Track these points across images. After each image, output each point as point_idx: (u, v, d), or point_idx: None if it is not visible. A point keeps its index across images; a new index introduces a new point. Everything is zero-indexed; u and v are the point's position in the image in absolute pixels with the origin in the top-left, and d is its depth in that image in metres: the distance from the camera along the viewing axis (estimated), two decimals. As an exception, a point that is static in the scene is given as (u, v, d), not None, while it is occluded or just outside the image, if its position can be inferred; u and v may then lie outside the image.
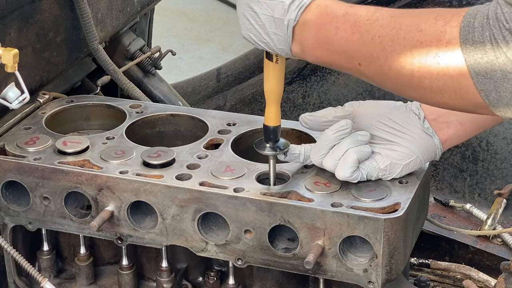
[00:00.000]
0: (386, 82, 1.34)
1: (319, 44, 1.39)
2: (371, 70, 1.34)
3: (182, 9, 5.43)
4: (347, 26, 1.36)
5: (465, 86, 1.23)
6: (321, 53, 1.40)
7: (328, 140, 1.54)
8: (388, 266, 1.51)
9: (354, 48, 1.35)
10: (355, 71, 1.38)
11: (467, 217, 2.25)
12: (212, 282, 1.73)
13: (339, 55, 1.38)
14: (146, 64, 2.39)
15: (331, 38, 1.37)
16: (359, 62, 1.35)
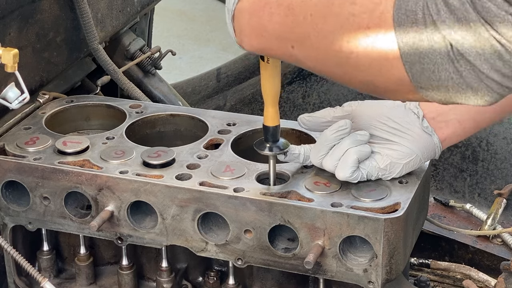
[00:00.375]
0: (315, 63, 1.30)
1: (254, 32, 1.37)
2: (302, 51, 1.30)
3: (182, 9, 5.43)
4: (280, 10, 1.32)
5: (391, 59, 1.17)
6: (257, 41, 1.38)
7: (328, 141, 1.54)
8: (388, 266, 1.51)
9: (287, 30, 1.31)
10: (288, 56, 1.33)
11: (467, 217, 2.25)
12: (212, 282, 1.73)
13: (273, 41, 1.34)
14: (146, 64, 2.39)
15: (265, 24, 1.35)
16: (292, 45, 1.31)
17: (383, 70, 1.19)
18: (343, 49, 1.22)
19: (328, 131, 1.54)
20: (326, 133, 1.54)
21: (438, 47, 1.12)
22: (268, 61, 1.47)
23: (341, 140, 1.53)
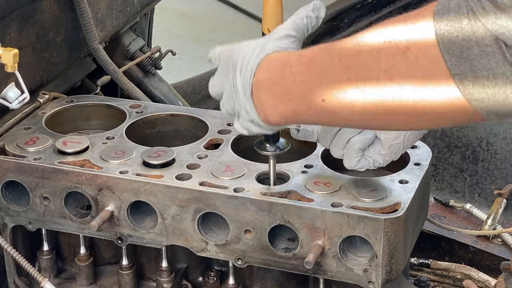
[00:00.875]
0: (353, 104, 1.21)
1: (278, 99, 1.29)
2: (334, 98, 1.22)
3: (182, 9, 5.43)
4: (302, 66, 1.25)
5: (438, 73, 1.12)
6: (283, 107, 1.29)
7: (333, 129, 1.52)
8: (388, 266, 1.51)
9: (314, 84, 1.23)
10: (321, 112, 1.25)
11: (467, 217, 2.25)
12: (212, 282, 1.73)
13: (301, 101, 1.26)
14: (146, 64, 2.39)
15: (289, 86, 1.27)
16: (322, 98, 1.23)
17: (430, 87, 1.14)
18: (381, 77, 1.16)
19: None
20: None
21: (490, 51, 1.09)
22: None
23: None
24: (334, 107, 1.23)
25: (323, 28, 2.77)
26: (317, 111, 1.25)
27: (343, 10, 2.78)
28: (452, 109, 1.13)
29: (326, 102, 1.23)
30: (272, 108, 1.31)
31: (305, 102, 1.26)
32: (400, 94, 1.16)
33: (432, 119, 1.18)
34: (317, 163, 1.63)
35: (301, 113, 1.28)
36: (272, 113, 1.32)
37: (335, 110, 1.23)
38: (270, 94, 1.31)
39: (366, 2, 2.70)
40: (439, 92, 1.13)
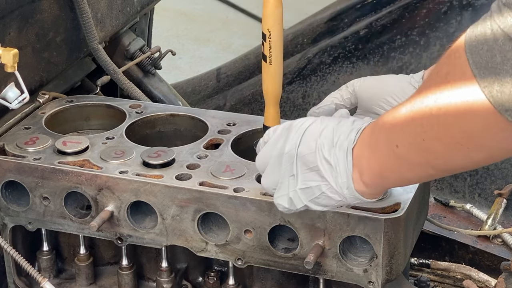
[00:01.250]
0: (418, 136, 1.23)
1: (371, 151, 1.31)
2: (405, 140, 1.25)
3: (182, 9, 5.43)
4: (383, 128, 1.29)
5: (467, 91, 1.12)
6: (375, 159, 1.31)
7: None
8: (388, 266, 1.51)
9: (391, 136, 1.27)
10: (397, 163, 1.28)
11: (467, 217, 2.24)
12: (212, 282, 1.73)
13: (385, 153, 1.29)
14: (146, 64, 2.39)
15: (375, 144, 1.30)
16: (396, 144, 1.25)
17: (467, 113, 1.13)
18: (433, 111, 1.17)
19: None
20: None
21: None
22: (270, 63, 1.47)
23: None
24: (403, 151, 1.25)
25: (323, 28, 2.77)
26: (395, 160, 1.27)
27: (343, 10, 2.78)
28: (489, 126, 1.12)
29: (399, 147, 1.25)
30: (366, 162, 1.31)
31: (386, 151, 1.27)
32: (439, 115, 1.16)
33: (475, 145, 1.16)
34: (317, 163, 1.63)
35: (385, 165, 1.29)
36: (365, 168, 1.32)
37: (404, 155, 1.25)
38: (366, 148, 1.31)
39: (366, 2, 2.70)
40: (472, 109, 1.12)
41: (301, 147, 1.36)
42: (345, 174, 1.33)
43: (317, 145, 1.35)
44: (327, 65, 2.57)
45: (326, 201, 1.37)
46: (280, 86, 1.50)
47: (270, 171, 1.41)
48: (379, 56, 2.48)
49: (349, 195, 1.34)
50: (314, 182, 1.36)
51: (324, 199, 1.37)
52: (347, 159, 1.32)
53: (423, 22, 2.45)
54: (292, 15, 4.16)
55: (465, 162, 1.21)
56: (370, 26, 2.57)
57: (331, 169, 1.34)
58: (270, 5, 1.45)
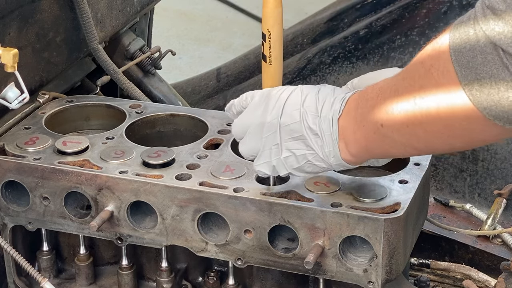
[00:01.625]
0: (398, 122, 1.28)
1: (357, 125, 1.36)
2: (386, 120, 1.30)
3: (182, 9, 5.43)
4: (373, 94, 1.33)
5: (449, 84, 1.17)
6: (360, 133, 1.35)
7: None
8: (388, 266, 1.51)
9: (376, 109, 1.32)
10: (381, 139, 1.33)
11: (467, 217, 2.24)
12: (212, 282, 1.73)
13: (369, 127, 1.33)
14: (146, 64, 2.39)
15: (363, 113, 1.35)
16: (380, 124, 1.30)
17: (448, 104, 1.19)
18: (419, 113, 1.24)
19: None
20: None
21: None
22: (270, 63, 1.47)
23: None
24: (387, 131, 1.30)
25: (323, 28, 2.77)
26: (379, 137, 1.32)
27: (343, 10, 2.78)
28: (469, 121, 1.17)
29: (383, 127, 1.30)
30: (352, 134, 1.36)
31: (372, 127, 1.32)
32: (422, 105, 1.22)
33: (455, 135, 1.22)
34: (317, 163, 1.63)
35: (370, 140, 1.34)
36: (351, 140, 1.37)
37: (388, 134, 1.30)
38: (351, 121, 1.36)
39: (366, 2, 2.70)
40: (454, 105, 1.17)
41: (284, 117, 1.40)
42: (331, 144, 1.38)
43: (301, 115, 1.39)
44: (327, 65, 2.57)
45: (311, 169, 1.43)
46: (280, 86, 1.50)
47: (249, 139, 1.46)
48: (379, 56, 2.48)
49: (335, 162, 1.40)
50: (299, 151, 1.41)
51: (309, 167, 1.43)
52: (332, 129, 1.37)
53: (423, 22, 2.45)
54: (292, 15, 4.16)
55: (445, 147, 1.28)
56: (370, 26, 2.57)
57: (317, 139, 1.39)
58: (270, 5, 1.45)
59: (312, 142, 1.39)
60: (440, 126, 1.22)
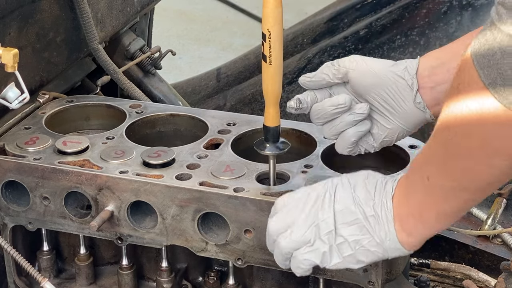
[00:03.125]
0: None
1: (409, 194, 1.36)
2: None
3: (182, 9, 5.43)
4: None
5: (476, 90, 1.17)
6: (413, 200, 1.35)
7: (327, 115, 1.54)
8: (388, 266, 1.51)
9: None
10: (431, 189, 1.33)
11: (467, 217, 2.24)
12: (212, 282, 1.73)
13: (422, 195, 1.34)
14: (146, 64, 2.39)
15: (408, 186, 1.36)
16: (427, 176, 1.31)
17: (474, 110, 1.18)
18: None
19: (328, 105, 1.54)
20: (325, 105, 1.54)
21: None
22: (270, 63, 1.47)
23: (340, 115, 1.54)
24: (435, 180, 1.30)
25: (323, 28, 2.77)
26: (429, 191, 1.32)
27: (343, 10, 2.78)
28: (501, 125, 1.16)
29: (430, 178, 1.30)
30: (405, 207, 1.36)
31: (420, 184, 1.32)
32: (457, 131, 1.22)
33: (494, 149, 1.20)
34: (317, 163, 1.63)
35: (422, 202, 1.33)
36: (404, 214, 1.36)
37: (436, 183, 1.30)
38: (403, 196, 1.36)
39: (366, 2, 2.70)
40: (483, 110, 1.16)
41: (337, 203, 1.39)
42: (386, 224, 1.36)
43: (354, 199, 1.38)
44: (327, 65, 2.56)
45: (365, 256, 1.39)
46: (280, 86, 1.50)
47: (296, 230, 1.41)
48: (379, 56, 2.48)
49: (390, 246, 1.37)
50: (353, 237, 1.38)
51: (363, 253, 1.39)
52: (387, 210, 1.36)
53: (423, 22, 2.46)
54: (292, 15, 4.16)
55: (491, 172, 1.24)
56: (370, 26, 2.57)
57: (373, 220, 1.37)
58: (270, 5, 1.45)
59: (367, 225, 1.37)
60: (476, 143, 1.20)
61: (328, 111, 1.54)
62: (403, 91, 1.53)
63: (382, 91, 1.54)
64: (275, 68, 1.48)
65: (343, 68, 1.55)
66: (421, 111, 1.54)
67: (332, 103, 1.54)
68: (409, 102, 1.53)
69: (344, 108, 1.53)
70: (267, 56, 1.47)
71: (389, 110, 1.54)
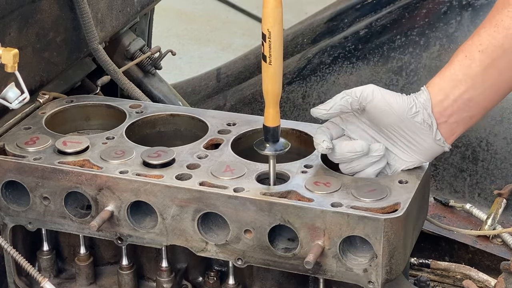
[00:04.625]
0: None
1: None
2: None
3: (182, 9, 5.43)
4: None
5: None
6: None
7: (345, 159, 1.58)
8: (388, 266, 1.51)
9: None
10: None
11: (467, 217, 2.24)
12: (212, 282, 1.73)
13: None
14: (146, 64, 2.39)
15: None
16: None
17: None
18: None
19: (346, 151, 1.58)
20: (343, 151, 1.58)
21: None
22: (270, 63, 1.47)
23: (358, 158, 1.58)
24: None
25: (323, 28, 2.77)
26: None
27: (343, 10, 2.78)
28: None
29: None
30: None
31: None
32: None
33: None
34: (317, 163, 1.63)
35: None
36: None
37: None
38: None
39: (366, 2, 2.70)
40: None
41: None
42: None
43: None
44: (327, 65, 2.56)
45: None
46: (280, 86, 1.50)
47: None
48: (379, 56, 2.48)
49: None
50: None
51: None
52: None
53: (423, 22, 2.45)
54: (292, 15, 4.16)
55: None
56: (370, 26, 2.57)
57: None
58: (270, 5, 1.45)
59: None
60: None
61: (346, 157, 1.57)
62: (423, 130, 1.55)
63: (402, 131, 1.56)
64: (275, 68, 1.48)
65: (362, 104, 1.56)
66: (440, 146, 1.57)
67: (350, 149, 1.57)
68: (429, 139, 1.56)
69: (362, 154, 1.56)
70: (267, 56, 1.47)
71: (409, 147, 1.57)
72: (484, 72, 1.51)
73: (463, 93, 1.54)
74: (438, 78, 1.56)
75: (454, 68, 1.54)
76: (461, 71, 1.52)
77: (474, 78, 1.52)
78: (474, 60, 1.52)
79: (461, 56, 1.53)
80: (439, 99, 1.55)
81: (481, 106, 1.56)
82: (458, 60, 1.54)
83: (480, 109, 1.56)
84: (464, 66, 1.52)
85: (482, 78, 1.52)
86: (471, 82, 1.52)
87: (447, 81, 1.54)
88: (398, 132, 1.56)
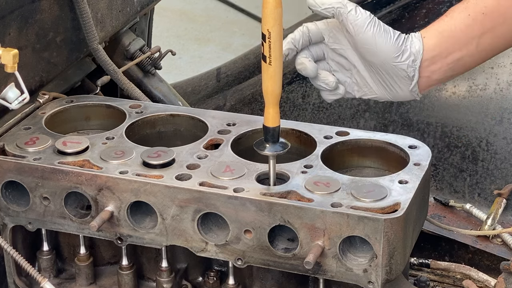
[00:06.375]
0: None
1: None
2: None
3: (182, 9, 5.43)
4: None
5: None
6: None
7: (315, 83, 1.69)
8: (388, 266, 1.51)
9: None
10: None
11: (467, 217, 2.25)
12: (212, 282, 1.73)
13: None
14: (146, 64, 2.39)
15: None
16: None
17: None
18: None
19: (318, 84, 1.68)
20: (317, 83, 1.67)
21: None
22: (270, 63, 1.47)
23: None
24: None
25: (323, 28, 2.77)
26: None
27: (343, 10, 2.77)
28: None
29: None
30: None
31: None
32: None
33: None
34: (317, 163, 1.63)
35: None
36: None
37: None
38: None
39: (366, 2, 2.70)
40: None
41: None
42: None
43: None
44: (327, 65, 2.56)
45: None
46: (280, 87, 1.50)
47: None
48: (379, 56, 2.48)
49: None
50: None
51: None
52: None
53: (423, 22, 2.45)
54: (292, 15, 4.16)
55: None
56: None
57: None
58: (270, 5, 1.45)
59: None
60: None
61: (316, 83, 1.66)
62: (402, 80, 1.57)
63: (381, 71, 1.58)
64: (275, 68, 1.48)
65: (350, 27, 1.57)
66: (412, 95, 1.60)
67: (323, 82, 1.65)
68: (405, 88, 1.59)
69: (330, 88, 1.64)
70: (267, 56, 1.47)
71: (383, 85, 1.59)
72: (482, 35, 1.50)
73: (456, 52, 1.54)
74: (436, 30, 1.56)
75: (455, 25, 1.53)
76: (462, 30, 1.51)
77: (471, 40, 1.51)
78: (476, 21, 1.50)
79: (464, 14, 1.52)
80: (431, 55, 1.55)
81: (466, 67, 1.56)
82: (461, 18, 1.52)
83: (464, 69, 1.57)
84: (465, 25, 1.51)
85: (478, 41, 1.51)
86: (467, 44, 1.51)
87: (445, 38, 1.54)
88: (377, 70, 1.58)
